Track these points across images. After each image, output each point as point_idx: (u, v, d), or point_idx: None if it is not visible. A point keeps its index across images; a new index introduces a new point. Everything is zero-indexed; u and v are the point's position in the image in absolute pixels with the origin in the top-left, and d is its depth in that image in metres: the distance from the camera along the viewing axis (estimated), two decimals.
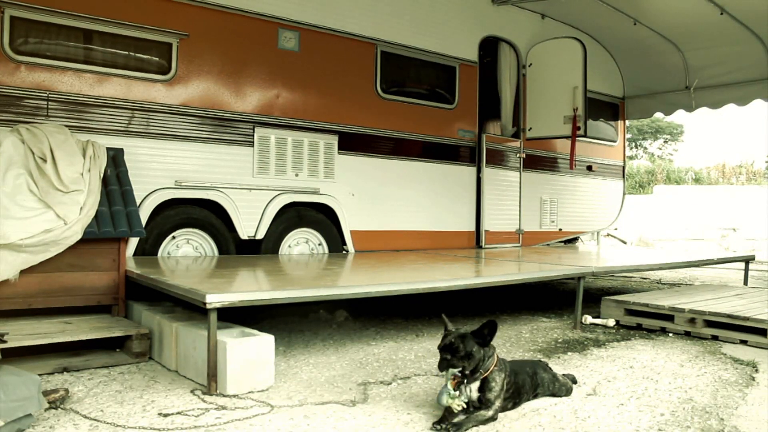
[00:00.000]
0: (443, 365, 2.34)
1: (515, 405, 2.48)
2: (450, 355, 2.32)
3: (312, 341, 3.66)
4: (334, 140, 5.38)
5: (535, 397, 2.61)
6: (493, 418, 2.33)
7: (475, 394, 2.33)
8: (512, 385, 2.44)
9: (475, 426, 2.28)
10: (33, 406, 2.17)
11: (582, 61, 6.37)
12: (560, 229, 7.38)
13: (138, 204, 4.03)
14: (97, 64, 4.29)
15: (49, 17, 4.10)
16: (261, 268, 4.19)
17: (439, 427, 2.26)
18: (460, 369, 2.31)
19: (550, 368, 2.72)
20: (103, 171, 3.80)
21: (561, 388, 2.66)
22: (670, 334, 4.00)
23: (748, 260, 6.41)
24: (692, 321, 3.94)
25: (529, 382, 2.55)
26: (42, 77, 4.08)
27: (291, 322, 4.17)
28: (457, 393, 2.29)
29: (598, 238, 8.66)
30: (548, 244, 7.22)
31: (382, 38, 5.68)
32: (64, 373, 2.89)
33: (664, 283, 6.81)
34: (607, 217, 8.10)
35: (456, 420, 2.27)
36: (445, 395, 2.30)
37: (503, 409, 2.41)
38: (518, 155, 6.86)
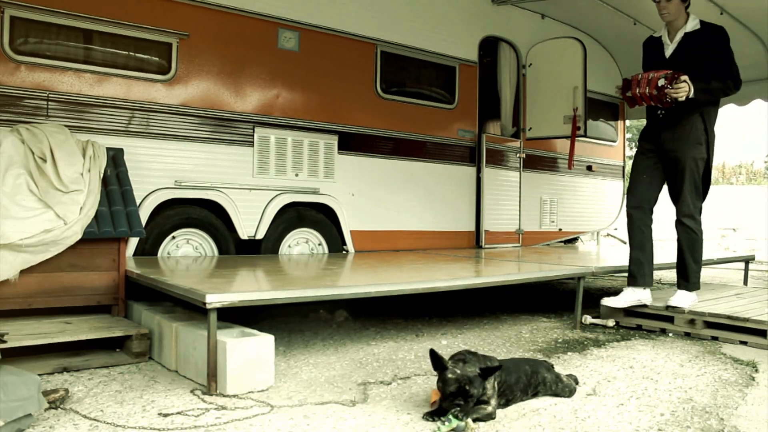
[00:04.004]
0: (452, 407, 2.24)
1: (507, 402, 2.48)
2: (463, 401, 2.23)
3: (312, 341, 3.66)
4: (334, 140, 5.38)
5: (535, 396, 2.61)
6: (492, 415, 2.34)
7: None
8: (502, 384, 2.44)
9: (478, 418, 2.30)
10: (33, 406, 2.17)
11: (582, 61, 6.37)
12: (560, 229, 7.38)
13: (138, 204, 4.03)
14: (97, 64, 4.29)
15: (49, 17, 4.10)
16: (261, 268, 4.19)
17: (430, 418, 2.31)
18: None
19: (554, 369, 2.72)
20: (102, 171, 3.80)
21: (564, 389, 2.66)
22: (670, 335, 4.00)
23: (747, 260, 6.41)
24: (692, 322, 3.93)
25: (524, 380, 2.54)
26: (42, 77, 4.08)
27: (291, 322, 4.17)
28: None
29: (598, 238, 8.66)
30: (548, 244, 7.22)
31: (382, 38, 5.67)
32: (64, 373, 2.89)
33: (664, 283, 6.81)
34: (607, 217, 8.10)
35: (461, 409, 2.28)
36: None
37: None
38: (518, 155, 6.86)
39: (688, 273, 3.98)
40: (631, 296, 4.01)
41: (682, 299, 3.98)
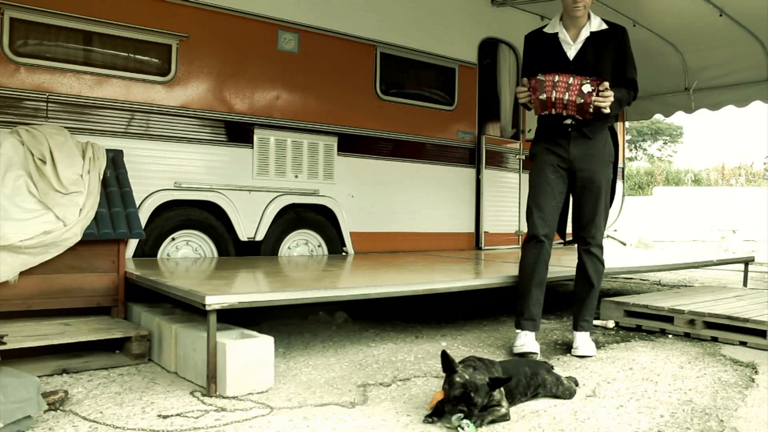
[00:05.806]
0: (454, 412, 2.23)
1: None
2: (466, 407, 2.22)
3: (311, 343, 3.66)
4: (333, 142, 5.38)
5: (535, 397, 2.61)
6: (506, 417, 2.35)
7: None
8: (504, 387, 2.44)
9: (493, 420, 2.30)
10: (32, 407, 2.17)
11: None
12: None
13: (137, 205, 4.03)
14: (96, 66, 4.30)
15: (49, 19, 4.10)
16: (260, 270, 4.19)
17: (431, 419, 2.31)
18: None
19: (554, 371, 2.72)
20: (102, 172, 3.79)
21: (565, 391, 2.65)
22: (670, 336, 4.00)
23: (747, 261, 6.41)
24: (692, 322, 3.94)
25: (524, 383, 2.54)
26: (41, 79, 4.08)
27: (290, 324, 4.17)
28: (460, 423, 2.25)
29: None
30: None
31: (381, 40, 5.68)
32: (64, 374, 2.88)
33: (664, 285, 6.81)
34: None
35: (478, 412, 2.27)
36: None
37: None
38: (518, 157, 6.86)
39: (586, 311, 3.45)
40: (523, 341, 3.37)
41: (588, 345, 3.44)
